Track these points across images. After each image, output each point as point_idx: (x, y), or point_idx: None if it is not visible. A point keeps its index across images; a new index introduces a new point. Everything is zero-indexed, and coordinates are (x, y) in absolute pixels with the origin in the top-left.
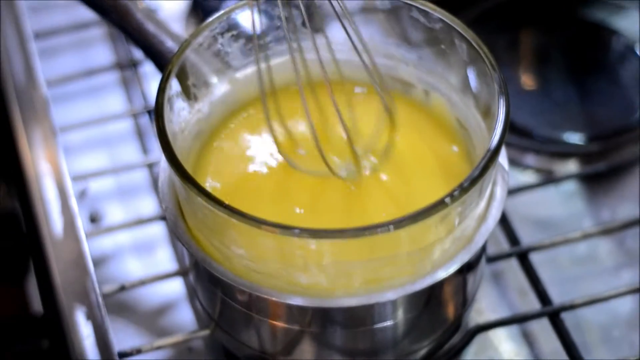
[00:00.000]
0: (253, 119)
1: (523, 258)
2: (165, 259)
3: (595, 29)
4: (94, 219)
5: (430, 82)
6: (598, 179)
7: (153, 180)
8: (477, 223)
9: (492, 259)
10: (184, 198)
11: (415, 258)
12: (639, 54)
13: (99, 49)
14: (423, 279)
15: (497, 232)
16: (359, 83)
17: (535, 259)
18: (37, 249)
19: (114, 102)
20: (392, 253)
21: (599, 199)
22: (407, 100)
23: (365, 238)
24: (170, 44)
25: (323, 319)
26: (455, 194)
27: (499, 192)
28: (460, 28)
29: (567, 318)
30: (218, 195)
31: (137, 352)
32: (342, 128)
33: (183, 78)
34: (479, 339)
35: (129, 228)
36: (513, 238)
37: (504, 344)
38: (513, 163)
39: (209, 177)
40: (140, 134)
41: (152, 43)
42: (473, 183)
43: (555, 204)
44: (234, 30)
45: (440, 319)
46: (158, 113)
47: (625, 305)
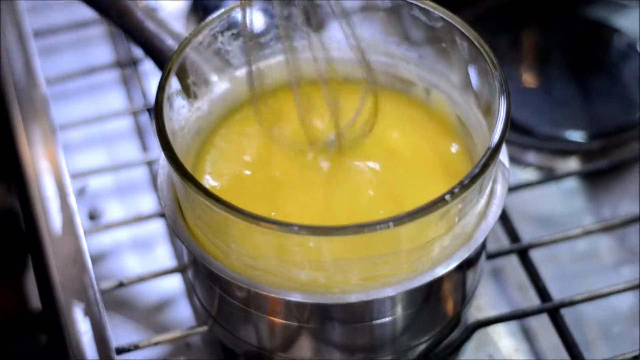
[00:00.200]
0: (253, 117)
1: (523, 255)
2: (164, 256)
3: (597, 27)
4: (93, 216)
5: (431, 80)
6: (599, 177)
7: (152, 178)
8: (477, 220)
9: (492, 256)
10: (183, 195)
11: (415, 255)
12: None
13: (99, 47)
14: (422, 276)
15: (497, 228)
16: (357, 82)
17: (535, 256)
18: (36, 246)
19: (114, 100)
20: (391, 250)
21: (600, 196)
22: (407, 99)
23: (365, 235)
24: (170, 43)
25: (322, 315)
26: (456, 191)
27: (500, 189)
28: (461, 26)
29: (566, 314)
30: (217, 193)
31: (134, 348)
32: (328, 105)
33: (183, 76)
34: (479, 335)
35: (128, 225)
36: (513, 235)
37: (504, 340)
38: (514, 160)
39: (208, 175)
40: (140, 132)
41: (152, 41)
42: (473, 180)
43: (556, 201)
44: (234, 29)
45: (440, 315)
46: (158, 111)
47: (625, 302)
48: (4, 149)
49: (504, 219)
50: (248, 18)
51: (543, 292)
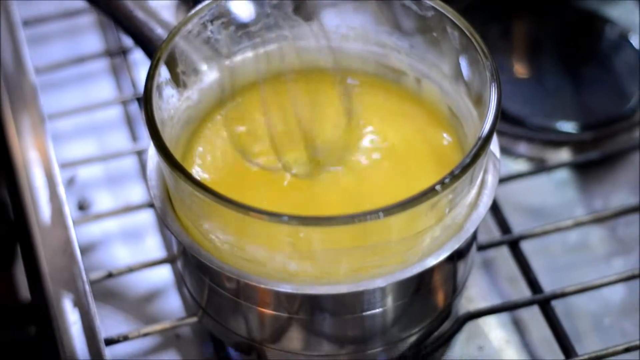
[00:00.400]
0: (243, 107)
1: (514, 246)
2: (153, 246)
3: (589, 18)
4: (82, 207)
5: (422, 70)
6: (590, 168)
7: (142, 168)
8: (468, 211)
9: (483, 247)
10: (173, 185)
11: (405, 245)
12: (633, 43)
13: (88, 37)
14: (413, 267)
15: (488, 220)
16: (350, 72)
17: (527, 247)
18: (25, 236)
19: (103, 89)
20: (381, 240)
21: (591, 188)
22: (398, 89)
23: (355, 225)
24: (160, 32)
25: (312, 306)
26: (446, 182)
27: (490, 179)
28: (452, 16)
29: (557, 306)
30: (206, 183)
31: (124, 338)
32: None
33: (172, 65)
34: (469, 327)
35: (117, 215)
36: (504, 226)
37: (494, 332)
38: (505, 151)
39: (198, 165)
40: (130, 122)
41: (141, 30)
42: (464, 170)
43: (547, 192)
44: (224, 18)
45: (430, 307)
46: (147, 100)
47: (617, 294)
48: None
49: (495, 210)
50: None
51: (534, 283)
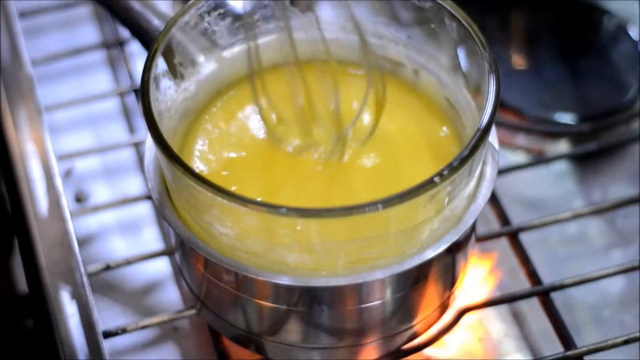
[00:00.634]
0: (240, 98)
1: (513, 238)
2: (151, 239)
3: (587, 9)
4: (80, 199)
5: (420, 61)
6: (589, 159)
7: (139, 160)
8: (466, 202)
9: (481, 239)
10: (170, 177)
11: (404, 237)
12: (631, 34)
13: (85, 28)
14: (411, 259)
15: (487, 212)
16: (349, 63)
17: (525, 239)
18: (22, 229)
19: (100, 81)
20: (380, 232)
21: (590, 179)
22: (396, 80)
23: (354, 217)
24: (157, 23)
25: (310, 299)
26: (445, 173)
27: (489, 171)
28: (450, 7)
29: (557, 298)
30: (204, 175)
31: (122, 331)
32: (332, 104)
33: (169, 57)
34: (468, 319)
35: (115, 207)
36: (503, 218)
37: (494, 324)
38: (503, 143)
39: (195, 156)
40: (127, 114)
41: (138, 22)
42: (463, 162)
43: (546, 184)
44: (221, 9)
45: (429, 299)
46: (144, 91)
47: (616, 285)
48: None
49: (494, 202)
50: None
51: (533, 275)
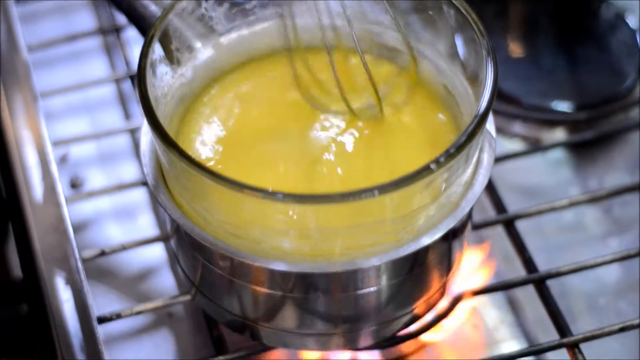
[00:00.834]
0: (237, 84)
1: (509, 225)
2: (147, 225)
3: None
4: (75, 185)
5: (418, 48)
6: (586, 147)
7: (135, 146)
8: (463, 189)
9: (478, 227)
10: (166, 163)
11: (400, 224)
12: (629, 23)
13: (81, 14)
14: (408, 245)
15: (483, 199)
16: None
17: (522, 227)
18: (17, 214)
19: (96, 67)
20: (376, 219)
21: (587, 167)
22: (394, 67)
23: (350, 203)
24: (154, 8)
25: (306, 285)
26: (442, 160)
27: (486, 158)
28: None
29: (552, 285)
30: (200, 160)
31: (116, 317)
32: (364, 69)
33: (166, 42)
34: (464, 306)
35: (110, 193)
36: (499, 205)
37: (489, 311)
38: (500, 131)
39: (192, 142)
40: (123, 100)
41: (135, 7)
42: (460, 149)
43: (543, 172)
44: None
45: (425, 286)
46: (140, 77)
47: (612, 273)
48: None
49: (490, 190)
50: None
51: (529, 263)
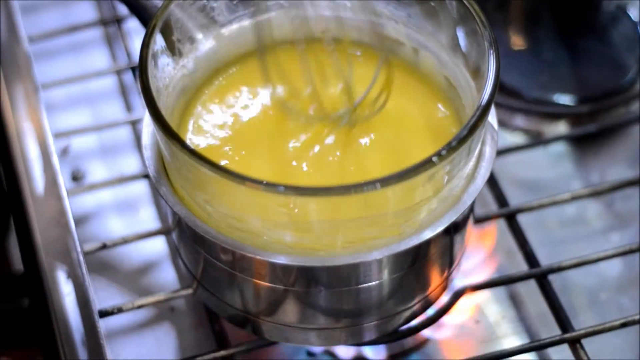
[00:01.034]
0: (239, 76)
1: (511, 219)
2: (148, 218)
3: None
4: (76, 177)
5: (420, 40)
6: (587, 141)
7: (136, 138)
8: (465, 183)
9: (479, 220)
10: (168, 155)
11: (402, 217)
12: (631, 15)
13: (83, 5)
14: (409, 239)
15: (485, 193)
16: (352, 43)
17: (523, 221)
18: (18, 207)
19: (97, 59)
20: (378, 212)
21: (588, 161)
22: (395, 59)
23: (352, 196)
24: None
25: (307, 279)
26: (443, 153)
27: (488, 151)
28: None
29: (554, 280)
30: (202, 152)
31: (118, 310)
32: (342, 79)
33: (168, 33)
34: (466, 301)
35: (112, 186)
36: (501, 199)
37: (491, 306)
38: (502, 124)
39: (193, 134)
40: (124, 91)
41: None
42: (462, 142)
43: (544, 166)
44: None
45: (427, 280)
46: (142, 68)
47: (613, 268)
48: None
49: (492, 184)
50: None
51: (531, 257)
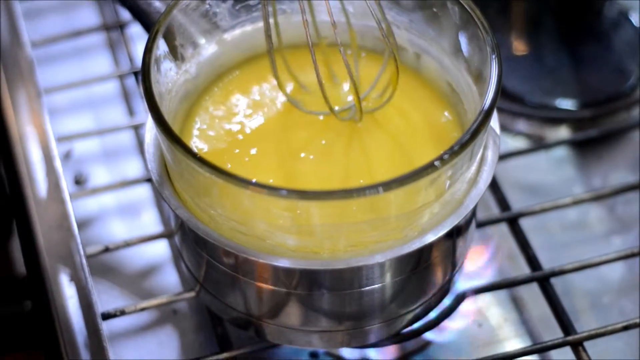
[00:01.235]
0: (241, 80)
1: (513, 223)
2: (151, 221)
3: None
4: (79, 181)
5: (422, 45)
6: (589, 145)
7: (139, 143)
8: (467, 187)
9: (482, 224)
10: (170, 159)
11: (404, 221)
12: (632, 20)
13: (85, 10)
14: (412, 242)
15: (487, 197)
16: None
17: (525, 225)
18: (21, 210)
19: (100, 63)
20: (380, 216)
21: (590, 165)
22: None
23: (354, 200)
24: (158, 4)
25: (310, 282)
26: (446, 157)
27: (490, 155)
28: None
29: (556, 284)
30: (204, 157)
31: (120, 313)
32: (348, 71)
33: (170, 38)
34: (468, 304)
35: (114, 190)
36: (503, 203)
37: (493, 309)
38: (504, 128)
39: (196, 138)
40: (126, 96)
41: (138, 3)
42: (464, 146)
43: (546, 170)
44: None
45: (429, 283)
46: (145, 73)
47: (615, 272)
48: None
49: (494, 188)
50: None
51: (533, 261)
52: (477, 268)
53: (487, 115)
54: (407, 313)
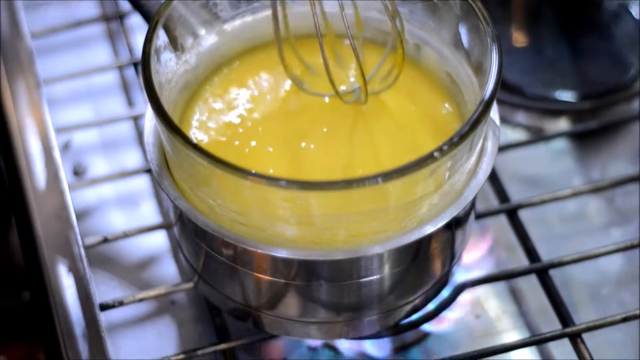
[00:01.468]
0: (241, 71)
1: (512, 215)
2: (149, 212)
3: None
4: (78, 172)
5: (422, 36)
6: (589, 137)
7: (138, 133)
8: (467, 178)
9: (481, 216)
10: (170, 149)
11: (404, 212)
12: (632, 13)
13: (85, 1)
14: (411, 233)
15: (486, 188)
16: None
17: (524, 216)
18: (19, 201)
19: (100, 54)
20: (380, 206)
21: (590, 157)
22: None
23: (353, 190)
24: None
25: (308, 273)
26: (445, 148)
27: (490, 146)
28: None
29: (555, 275)
30: (204, 147)
31: (119, 304)
32: (354, 52)
33: (170, 29)
34: (466, 295)
35: (113, 180)
36: (502, 195)
37: (491, 301)
38: (504, 120)
39: (196, 128)
40: (126, 87)
41: None
42: (464, 137)
43: (546, 162)
44: None
45: (428, 275)
46: (145, 63)
47: (614, 263)
48: None
49: (493, 179)
50: None
51: (532, 252)
52: (475, 259)
53: (487, 106)
54: (405, 304)
